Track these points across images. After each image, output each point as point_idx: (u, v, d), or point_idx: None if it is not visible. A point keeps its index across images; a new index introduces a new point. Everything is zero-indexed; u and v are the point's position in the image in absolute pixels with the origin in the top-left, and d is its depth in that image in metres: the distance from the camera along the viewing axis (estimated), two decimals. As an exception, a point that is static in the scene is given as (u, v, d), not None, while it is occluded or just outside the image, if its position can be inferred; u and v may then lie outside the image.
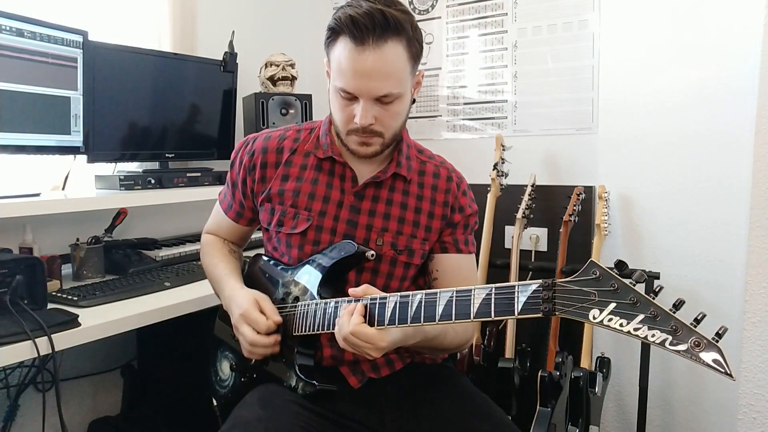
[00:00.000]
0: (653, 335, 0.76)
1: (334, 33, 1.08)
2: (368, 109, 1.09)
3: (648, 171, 1.97)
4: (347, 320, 0.99)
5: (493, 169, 2.10)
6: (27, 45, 1.48)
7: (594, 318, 0.80)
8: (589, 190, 2.09)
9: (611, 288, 0.80)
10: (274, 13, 2.53)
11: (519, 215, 2.04)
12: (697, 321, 0.75)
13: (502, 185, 2.11)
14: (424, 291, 0.98)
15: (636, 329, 0.77)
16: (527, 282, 0.87)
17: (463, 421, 1.12)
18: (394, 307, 0.98)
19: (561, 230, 1.98)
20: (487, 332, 2.06)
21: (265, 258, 1.30)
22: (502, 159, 2.12)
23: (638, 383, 1.90)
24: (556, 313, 0.83)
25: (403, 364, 1.24)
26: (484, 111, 2.36)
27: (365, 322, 0.99)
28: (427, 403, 1.17)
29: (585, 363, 1.85)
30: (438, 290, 0.96)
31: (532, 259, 2.21)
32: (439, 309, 0.94)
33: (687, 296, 0.78)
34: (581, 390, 1.69)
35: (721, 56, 1.82)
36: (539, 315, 0.85)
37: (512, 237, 2.05)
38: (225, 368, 1.29)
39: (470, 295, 0.92)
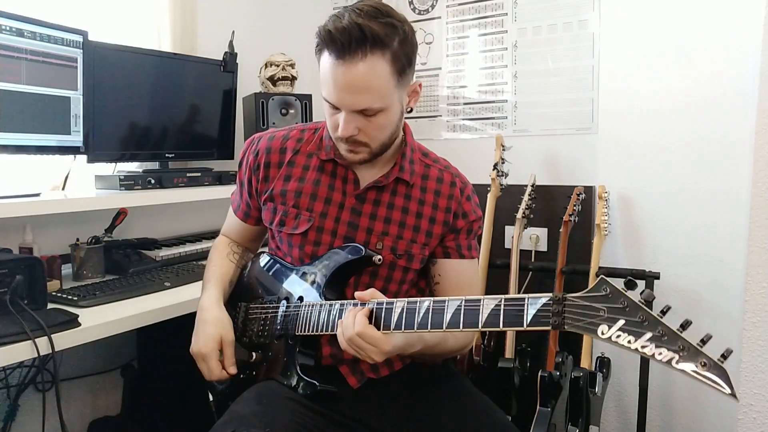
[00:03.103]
0: (660, 353, 0.77)
1: (319, 44, 1.08)
2: (349, 121, 1.08)
3: (648, 171, 1.97)
4: (352, 321, 0.99)
5: (493, 169, 2.10)
6: (27, 45, 1.48)
7: (602, 334, 0.81)
8: (589, 190, 2.08)
9: (621, 305, 0.81)
10: (274, 13, 2.53)
11: (519, 215, 2.04)
12: (704, 341, 0.76)
13: (502, 185, 2.11)
14: (432, 298, 0.97)
15: (643, 347, 0.78)
16: (537, 295, 0.88)
17: (463, 422, 1.12)
18: (401, 312, 0.98)
19: (561, 230, 1.97)
20: (487, 332, 2.05)
21: (269, 256, 1.31)
22: (502, 159, 2.12)
23: (638, 383, 1.90)
24: (566, 327, 0.84)
25: (402, 365, 1.24)
26: (484, 111, 2.36)
27: (371, 324, 0.99)
28: (426, 404, 1.17)
29: (585, 363, 1.85)
30: (447, 298, 0.95)
31: (532, 259, 2.21)
32: (447, 317, 0.94)
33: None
34: (581, 390, 1.69)
35: (721, 56, 1.82)
36: (548, 328, 0.86)
37: (512, 237, 2.05)
38: None
39: (479, 305, 0.92)
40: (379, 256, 1.12)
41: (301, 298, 1.17)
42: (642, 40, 1.94)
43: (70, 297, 1.42)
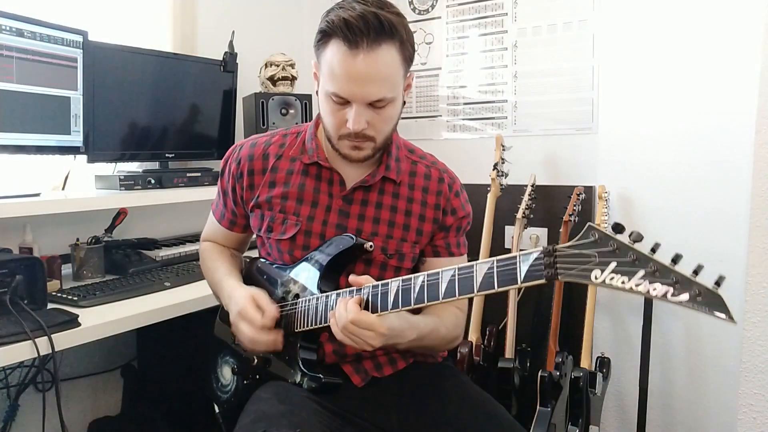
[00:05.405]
0: (655, 289, 0.75)
1: (325, 35, 1.06)
2: (361, 114, 1.07)
3: (648, 171, 1.97)
4: (344, 309, 0.99)
5: (493, 169, 2.10)
6: (27, 45, 1.48)
7: (596, 278, 0.79)
8: (589, 190, 2.08)
9: (611, 248, 0.79)
10: (274, 13, 2.53)
11: (519, 215, 2.04)
12: (696, 272, 0.75)
13: (502, 185, 2.11)
14: (425, 272, 0.97)
15: (637, 285, 0.77)
16: (528, 251, 0.87)
17: (469, 420, 1.12)
18: (396, 292, 0.98)
19: (561, 230, 1.97)
20: (487, 332, 2.05)
21: (262, 260, 1.30)
22: (502, 159, 2.12)
23: (638, 383, 1.90)
24: (559, 277, 0.83)
25: (405, 363, 1.24)
26: (484, 111, 2.36)
27: (365, 310, 0.99)
28: (431, 402, 1.17)
29: (585, 363, 1.85)
30: (439, 270, 0.95)
31: (532, 259, 2.20)
32: (443, 288, 0.93)
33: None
34: (581, 390, 1.69)
35: (721, 55, 1.82)
36: (543, 281, 0.84)
37: (512, 237, 2.05)
38: (226, 373, 1.28)
39: (472, 271, 0.91)
40: (371, 243, 1.12)
41: (297, 296, 1.16)
42: (642, 40, 1.94)
43: (70, 297, 1.42)
